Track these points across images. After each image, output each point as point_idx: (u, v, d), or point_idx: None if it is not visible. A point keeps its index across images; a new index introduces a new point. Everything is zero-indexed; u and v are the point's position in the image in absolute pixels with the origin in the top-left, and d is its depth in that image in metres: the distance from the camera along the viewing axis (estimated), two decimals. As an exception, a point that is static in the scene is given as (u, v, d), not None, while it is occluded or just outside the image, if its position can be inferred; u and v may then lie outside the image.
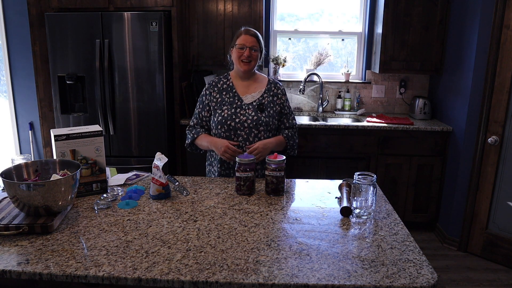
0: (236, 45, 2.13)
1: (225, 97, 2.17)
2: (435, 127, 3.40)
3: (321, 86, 3.93)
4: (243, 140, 2.12)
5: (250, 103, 2.15)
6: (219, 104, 2.16)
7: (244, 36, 2.12)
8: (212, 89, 2.21)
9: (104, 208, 1.67)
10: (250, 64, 2.13)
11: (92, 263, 1.25)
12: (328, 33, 4.07)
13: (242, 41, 2.11)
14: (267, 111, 2.14)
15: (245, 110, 2.13)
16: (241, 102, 2.15)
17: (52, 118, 3.75)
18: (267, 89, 2.20)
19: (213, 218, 1.58)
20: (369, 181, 1.59)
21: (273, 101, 2.19)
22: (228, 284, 1.17)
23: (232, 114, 2.12)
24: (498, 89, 2.95)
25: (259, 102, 2.15)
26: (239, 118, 2.11)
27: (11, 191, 1.44)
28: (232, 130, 2.11)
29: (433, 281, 1.18)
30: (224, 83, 2.21)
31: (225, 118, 2.11)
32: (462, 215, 3.27)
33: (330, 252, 1.33)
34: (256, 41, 2.13)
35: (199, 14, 3.61)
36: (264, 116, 2.13)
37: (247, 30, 2.15)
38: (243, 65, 2.12)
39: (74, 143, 1.74)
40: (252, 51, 2.11)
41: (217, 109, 2.16)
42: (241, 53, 2.11)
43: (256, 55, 2.13)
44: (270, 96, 2.19)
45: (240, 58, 2.12)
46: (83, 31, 3.27)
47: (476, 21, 3.03)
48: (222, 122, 2.11)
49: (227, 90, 2.19)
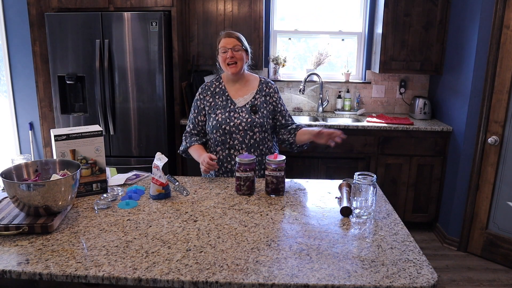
0: (219, 49, 2.13)
1: (218, 100, 2.18)
2: (435, 127, 3.40)
3: (321, 86, 3.93)
4: (239, 143, 2.12)
5: (243, 106, 2.15)
6: (212, 108, 2.17)
7: (224, 39, 2.12)
8: (205, 93, 2.21)
9: (104, 208, 1.67)
10: (236, 66, 2.12)
11: (92, 263, 1.25)
12: (328, 33, 4.07)
13: (223, 44, 2.11)
14: (261, 112, 2.15)
15: (238, 113, 2.13)
16: (234, 105, 2.15)
17: (52, 118, 3.75)
18: (258, 90, 2.20)
19: (213, 218, 1.58)
20: (369, 181, 1.59)
21: (266, 101, 2.19)
22: (228, 284, 1.17)
23: (226, 118, 2.12)
24: (498, 89, 2.95)
25: (251, 104, 2.15)
26: (233, 122, 2.11)
27: (11, 191, 1.44)
28: (228, 133, 2.11)
29: (433, 281, 1.18)
30: (216, 87, 2.21)
31: (219, 122, 2.12)
32: (462, 215, 3.27)
33: (330, 252, 1.33)
34: (237, 41, 2.12)
35: (199, 14, 3.61)
36: (258, 118, 2.13)
37: (227, 33, 2.15)
38: (230, 68, 2.12)
39: (74, 143, 1.74)
40: (235, 52, 2.09)
41: (211, 113, 2.16)
42: (224, 57, 2.11)
43: (240, 55, 2.11)
44: (262, 96, 2.19)
45: (225, 62, 2.11)
46: (83, 31, 3.27)
47: (476, 21, 3.03)
48: (217, 126, 2.12)
49: (220, 94, 2.19)
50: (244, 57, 2.15)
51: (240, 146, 2.12)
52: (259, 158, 2.15)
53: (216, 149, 2.17)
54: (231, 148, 2.13)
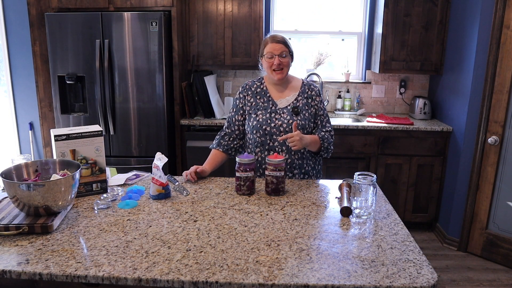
0: (265, 55, 2.08)
1: (259, 101, 2.14)
2: (435, 127, 3.40)
3: (321, 86, 3.93)
4: (279, 145, 2.07)
5: (284, 107, 2.11)
6: (253, 109, 2.13)
7: (271, 44, 2.07)
8: (246, 92, 2.18)
9: (104, 208, 1.67)
10: (282, 72, 2.08)
11: (92, 263, 1.25)
12: (328, 33, 4.07)
13: (270, 50, 2.06)
14: (302, 114, 2.10)
15: (280, 115, 2.09)
16: (276, 106, 2.12)
17: (52, 118, 3.75)
18: (301, 92, 2.16)
19: (213, 218, 1.58)
20: (369, 181, 1.59)
21: (308, 103, 2.14)
22: (228, 284, 1.17)
23: (267, 119, 2.08)
24: (498, 89, 2.95)
25: (293, 106, 2.11)
26: (274, 123, 2.07)
27: (11, 191, 1.44)
28: (268, 134, 2.07)
29: (433, 281, 1.18)
30: (258, 87, 2.18)
31: (260, 123, 2.08)
32: (462, 215, 3.27)
33: (330, 252, 1.33)
34: (284, 46, 2.07)
35: (199, 14, 3.61)
36: (300, 120, 2.08)
37: (273, 37, 2.10)
38: (276, 74, 2.08)
39: (74, 143, 1.74)
40: (282, 58, 2.06)
41: (251, 113, 2.13)
42: (271, 62, 2.07)
43: (287, 61, 2.08)
44: (304, 98, 2.14)
45: (271, 68, 2.08)
46: (83, 31, 3.27)
47: (476, 21, 3.03)
48: (258, 127, 2.08)
49: (261, 94, 2.15)
50: (290, 63, 2.12)
51: (280, 148, 2.06)
52: (299, 162, 2.11)
53: (255, 150, 2.12)
54: (271, 149, 2.09)
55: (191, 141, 3.47)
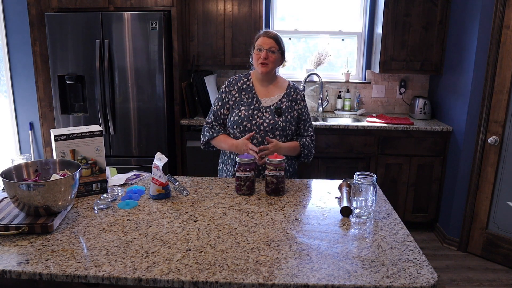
0: (255, 47, 2.11)
1: (243, 97, 2.14)
2: (435, 127, 3.40)
3: (321, 86, 3.93)
4: (257, 143, 2.07)
5: (268, 107, 2.12)
6: (237, 104, 2.13)
7: (262, 38, 2.10)
8: (231, 87, 2.17)
9: (104, 208, 1.67)
10: (267, 66, 2.09)
11: (92, 263, 1.25)
12: (328, 33, 4.07)
13: (260, 43, 2.09)
14: (285, 116, 2.11)
15: (262, 113, 2.10)
16: (259, 104, 2.12)
17: (52, 118, 3.75)
18: (286, 94, 2.16)
19: (213, 218, 1.58)
20: (369, 181, 1.59)
21: (291, 106, 2.15)
22: (228, 284, 1.17)
23: (249, 116, 2.08)
24: (498, 89, 2.95)
25: (277, 106, 2.12)
26: (255, 120, 2.08)
27: (11, 191, 1.44)
28: (248, 131, 2.07)
29: (433, 281, 1.18)
30: (244, 83, 2.18)
31: (241, 118, 2.08)
32: (462, 215, 3.27)
33: (330, 252, 1.33)
34: (275, 42, 2.09)
35: (199, 14, 3.61)
36: (282, 121, 2.09)
37: (266, 32, 2.12)
38: (261, 67, 2.09)
39: (74, 143, 1.74)
40: (270, 53, 2.07)
41: (234, 109, 2.13)
42: (259, 55, 2.08)
43: (274, 57, 2.09)
44: (289, 101, 2.15)
45: (258, 61, 2.09)
46: (83, 31, 3.27)
47: (476, 21, 3.03)
48: (238, 122, 2.08)
49: (247, 90, 2.16)
50: (278, 60, 2.13)
51: (258, 146, 2.05)
52: None
53: None
54: None
55: (191, 141, 3.47)
